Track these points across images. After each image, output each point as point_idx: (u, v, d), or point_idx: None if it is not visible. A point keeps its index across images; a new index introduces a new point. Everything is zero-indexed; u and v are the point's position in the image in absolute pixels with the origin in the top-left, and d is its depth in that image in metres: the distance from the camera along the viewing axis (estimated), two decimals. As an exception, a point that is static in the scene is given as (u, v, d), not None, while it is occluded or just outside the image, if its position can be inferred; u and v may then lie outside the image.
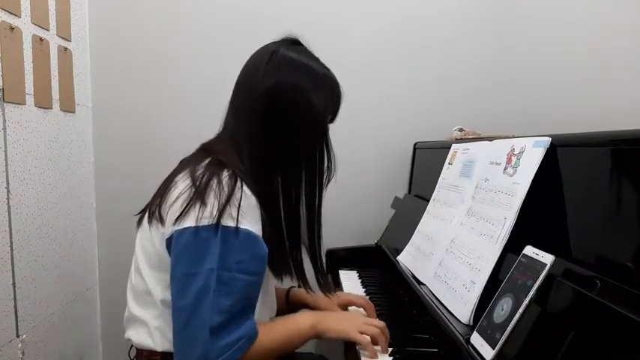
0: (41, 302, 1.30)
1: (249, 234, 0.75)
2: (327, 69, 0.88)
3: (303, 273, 0.90)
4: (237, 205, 0.73)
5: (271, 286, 0.94)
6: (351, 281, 1.34)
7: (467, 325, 0.78)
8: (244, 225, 0.74)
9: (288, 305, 1.09)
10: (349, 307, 1.08)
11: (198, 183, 0.75)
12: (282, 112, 0.82)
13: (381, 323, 0.88)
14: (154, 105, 1.61)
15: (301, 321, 0.83)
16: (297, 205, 0.85)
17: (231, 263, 0.72)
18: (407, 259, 1.16)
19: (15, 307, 1.17)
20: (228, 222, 0.72)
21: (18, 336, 1.18)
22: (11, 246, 1.16)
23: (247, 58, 0.89)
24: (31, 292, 1.24)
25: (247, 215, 0.75)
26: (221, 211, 0.72)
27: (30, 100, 1.24)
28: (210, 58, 1.59)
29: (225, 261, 0.72)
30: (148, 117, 1.61)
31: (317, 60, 0.87)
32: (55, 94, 1.38)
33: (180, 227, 0.73)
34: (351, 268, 1.45)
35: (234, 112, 0.87)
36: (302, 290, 1.07)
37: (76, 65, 1.50)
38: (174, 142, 1.58)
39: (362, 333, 0.84)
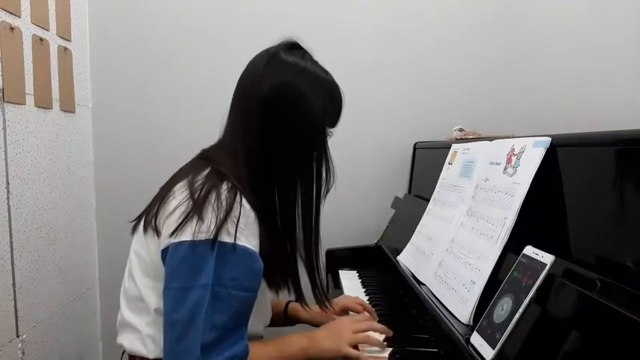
0: (41, 302, 1.30)
1: (246, 251, 0.73)
2: (327, 72, 0.86)
3: (299, 287, 0.88)
4: (235, 222, 0.72)
5: (267, 296, 0.92)
6: (351, 281, 1.34)
7: (467, 325, 0.78)
8: (241, 242, 0.73)
9: (286, 319, 1.09)
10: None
11: (196, 196, 0.74)
12: (278, 114, 0.80)
13: (369, 323, 0.88)
14: (154, 105, 1.61)
15: (294, 345, 0.83)
16: (292, 214, 0.83)
17: (226, 279, 0.71)
18: (407, 259, 1.16)
19: (15, 307, 1.17)
20: (225, 238, 0.71)
21: (18, 336, 1.18)
22: (11, 246, 1.16)
23: (247, 57, 0.88)
24: (31, 292, 1.24)
25: (245, 231, 0.74)
26: (219, 227, 0.71)
27: (30, 100, 1.24)
28: (210, 58, 1.59)
29: (221, 277, 0.71)
30: (148, 117, 1.61)
31: (316, 63, 0.86)
32: (55, 94, 1.38)
33: (176, 240, 0.72)
34: (351, 268, 1.45)
35: (232, 119, 0.85)
36: (299, 306, 1.06)
37: (76, 65, 1.50)
38: (174, 142, 1.58)
39: (352, 344, 0.84)
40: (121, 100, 1.60)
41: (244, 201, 0.75)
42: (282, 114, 0.80)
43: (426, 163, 1.50)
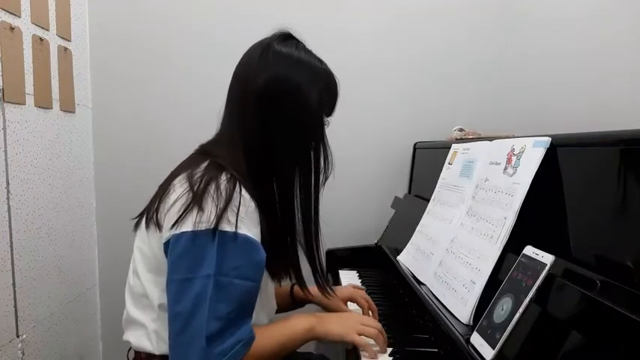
0: (41, 302, 1.30)
1: (247, 239, 0.74)
2: (322, 62, 0.86)
3: (301, 276, 0.89)
4: (235, 211, 0.72)
5: (270, 287, 0.93)
6: (351, 281, 1.34)
7: (467, 325, 0.78)
8: (242, 230, 0.73)
9: (294, 301, 1.09)
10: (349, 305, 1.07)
11: (196, 187, 0.74)
12: (274, 106, 0.80)
13: (378, 324, 0.88)
14: (154, 105, 1.61)
15: (298, 325, 0.82)
16: (291, 204, 0.83)
17: (228, 269, 0.71)
18: (407, 259, 1.16)
19: (15, 307, 1.17)
20: (225, 227, 0.71)
21: (18, 336, 1.18)
22: (11, 246, 1.16)
23: (247, 58, 0.88)
24: (31, 292, 1.24)
25: (246, 220, 0.74)
26: (219, 217, 0.71)
27: (30, 100, 1.24)
28: (211, 58, 1.59)
29: (223, 267, 0.71)
30: (148, 117, 1.61)
31: (310, 52, 0.86)
32: (55, 94, 1.38)
33: (177, 232, 0.72)
34: (351, 268, 1.46)
35: (229, 112, 0.86)
36: None
37: (76, 65, 1.50)
38: (174, 141, 1.58)
39: (360, 334, 0.84)
40: (121, 100, 1.60)
41: (244, 190, 0.75)
42: (279, 105, 0.81)
43: (426, 163, 1.50)
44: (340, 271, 1.42)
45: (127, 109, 1.61)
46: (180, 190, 0.76)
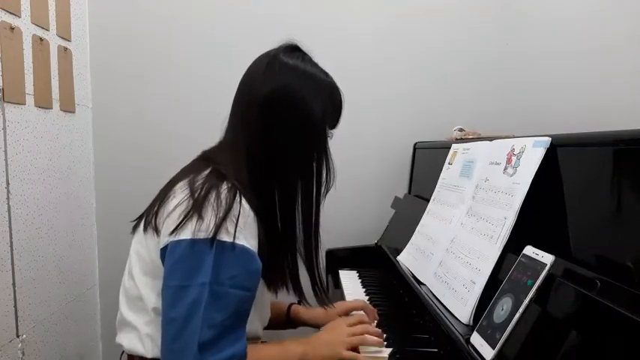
0: (41, 302, 1.30)
1: (244, 250, 0.74)
2: (327, 74, 0.87)
3: (300, 286, 0.88)
4: (234, 221, 0.73)
5: (266, 296, 0.93)
6: (351, 281, 1.34)
7: (467, 325, 0.78)
8: (240, 241, 0.73)
9: (288, 321, 1.09)
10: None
11: (196, 195, 0.74)
12: (278, 116, 0.81)
13: (365, 327, 0.89)
14: (154, 105, 1.61)
15: (292, 351, 0.83)
16: (292, 214, 0.83)
17: (224, 278, 0.71)
18: (407, 259, 1.16)
19: (15, 307, 1.17)
20: (224, 237, 0.72)
21: (18, 336, 1.18)
22: (11, 246, 1.16)
23: (247, 57, 0.88)
24: (31, 292, 1.24)
25: (244, 230, 0.74)
26: (218, 226, 0.71)
27: (30, 100, 1.24)
28: (211, 59, 1.59)
29: (219, 275, 0.71)
30: (148, 117, 1.61)
31: (316, 65, 0.86)
32: (55, 94, 1.38)
33: (176, 239, 0.72)
34: (351, 268, 1.45)
35: (233, 121, 0.86)
36: (301, 309, 1.08)
37: (76, 65, 1.50)
38: (174, 142, 1.58)
39: (350, 346, 0.84)
40: (121, 100, 1.60)
41: (244, 201, 0.75)
42: (283, 117, 0.81)
43: (426, 163, 1.50)
44: (340, 271, 1.42)
45: (127, 109, 1.61)
46: (180, 196, 0.76)
